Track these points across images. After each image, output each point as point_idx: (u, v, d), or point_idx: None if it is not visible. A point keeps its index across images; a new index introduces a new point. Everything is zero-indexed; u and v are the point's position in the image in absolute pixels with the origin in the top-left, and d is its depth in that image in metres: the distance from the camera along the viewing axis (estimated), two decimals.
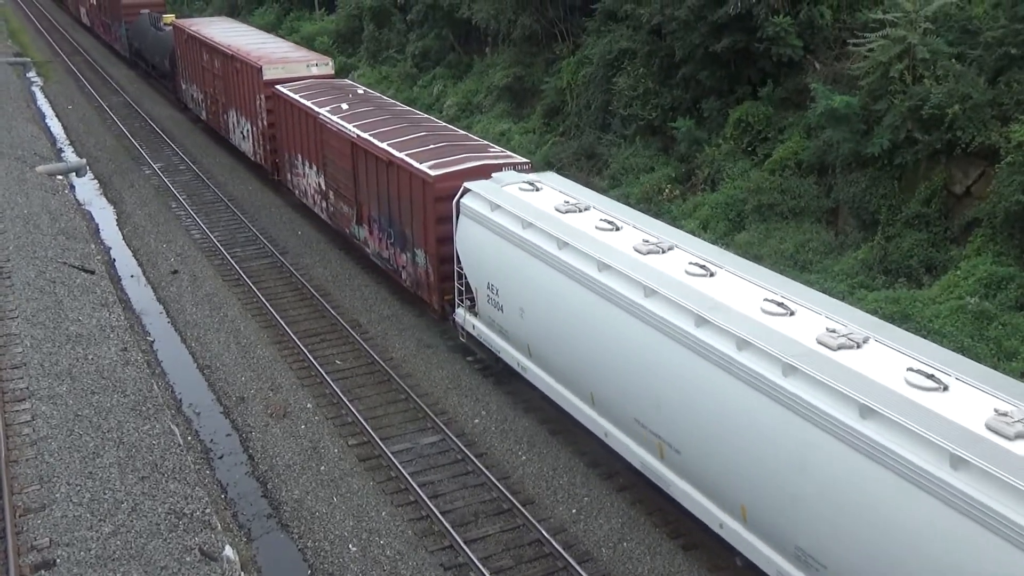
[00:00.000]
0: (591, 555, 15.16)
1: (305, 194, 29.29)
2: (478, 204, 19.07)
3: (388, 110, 26.51)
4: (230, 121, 36.03)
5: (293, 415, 19.34)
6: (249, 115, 33.21)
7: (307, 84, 29.89)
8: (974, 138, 19.21)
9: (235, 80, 34.06)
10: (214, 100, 37.69)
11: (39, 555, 13.88)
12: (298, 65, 31.71)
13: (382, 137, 23.32)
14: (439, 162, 21.21)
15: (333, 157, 25.87)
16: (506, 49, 36.32)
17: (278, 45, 36.52)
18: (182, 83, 42.95)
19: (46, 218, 28.81)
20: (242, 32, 39.74)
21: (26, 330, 20.81)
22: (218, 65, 35.76)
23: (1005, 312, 17.48)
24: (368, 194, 24.14)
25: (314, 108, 26.81)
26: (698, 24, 24.59)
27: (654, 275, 14.95)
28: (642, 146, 27.59)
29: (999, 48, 19.83)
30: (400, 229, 22.56)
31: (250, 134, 33.67)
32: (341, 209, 26.24)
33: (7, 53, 59.74)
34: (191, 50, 39.82)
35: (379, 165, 22.98)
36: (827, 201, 22.42)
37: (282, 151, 30.61)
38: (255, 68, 31.53)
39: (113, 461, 16.43)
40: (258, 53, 33.08)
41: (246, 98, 33.21)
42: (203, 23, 42.56)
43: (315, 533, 15.86)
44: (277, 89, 29.64)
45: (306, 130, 27.60)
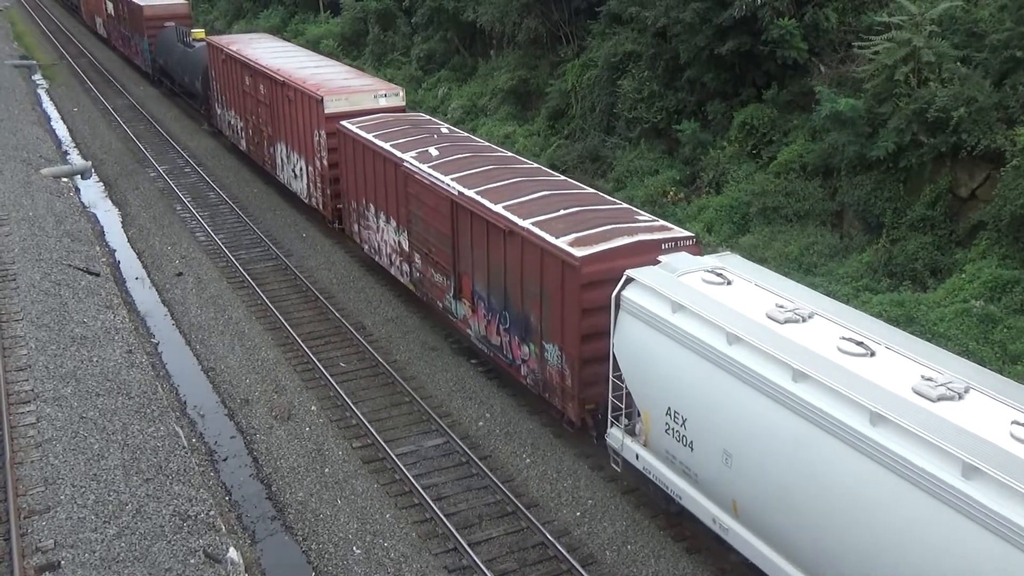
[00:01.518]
0: (595, 558, 15.15)
1: (378, 252, 24.80)
2: (650, 300, 14.54)
3: (488, 157, 21.99)
4: (278, 156, 31.64)
5: (297, 417, 19.35)
6: (304, 152, 28.86)
7: (379, 120, 25.31)
8: (979, 141, 19.18)
9: (286, 110, 29.70)
10: (257, 130, 33.35)
11: (44, 557, 13.90)
12: (364, 96, 27.33)
13: (493, 196, 19.05)
14: (581, 236, 16.84)
15: (422, 214, 21.51)
16: (511, 52, 36.33)
17: (335, 70, 31.63)
18: (217, 107, 38.52)
19: (51, 220, 28.88)
20: (290, 52, 34.90)
21: (31, 332, 20.85)
22: (264, 91, 31.51)
23: (1010, 315, 17.44)
24: (473, 265, 19.72)
25: (395, 152, 22.47)
26: (703, 27, 24.59)
27: (967, 442, 10.44)
28: (647, 149, 27.58)
29: (1005, 51, 19.80)
30: (521, 314, 18.21)
31: (304, 174, 29.37)
32: (431, 278, 21.74)
33: (13, 56, 59.90)
34: (229, 71, 35.31)
35: (492, 233, 18.69)
36: (832, 204, 22.39)
37: (348, 198, 26.08)
38: (314, 99, 27.18)
39: (118, 463, 16.45)
40: (316, 80, 28.55)
41: (301, 132, 28.83)
42: (242, 41, 37.33)
43: (319, 535, 15.86)
44: (343, 126, 25.22)
45: (383, 177, 23.26)
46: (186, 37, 43.45)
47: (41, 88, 52.96)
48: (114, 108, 46.51)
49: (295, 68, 30.65)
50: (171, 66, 45.25)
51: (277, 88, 30.10)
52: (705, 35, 24.68)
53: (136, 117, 44.96)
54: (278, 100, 30.26)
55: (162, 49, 46.72)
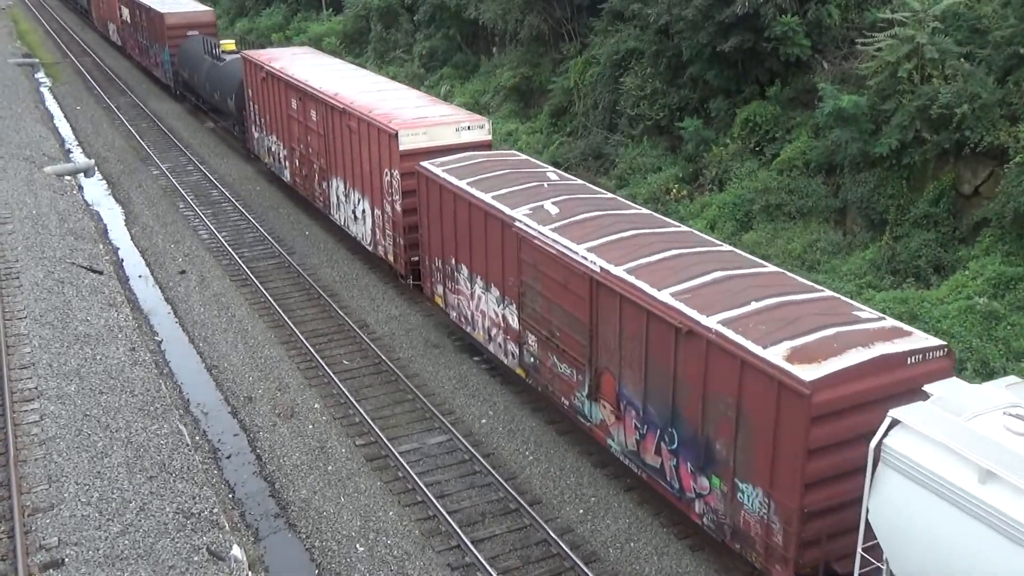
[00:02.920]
0: (598, 555, 15.16)
1: (472, 323, 20.64)
2: (935, 459, 10.41)
3: (623, 216, 17.71)
4: (333, 193, 27.48)
5: (300, 415, 19.37)
6: (370, 193, 24.77)
7: (470, 162, 21.11)
8: (983, 138, 19.16)
9: (347, 142, 25.64)
10: (306, 161, 29.17)
11: (48, 554, 13.93)
12: (444, 129, 23.13)
13: (653, 276, 14.97)
14: (798, 346, 12.72)
15: (542, 288, 17.42)
16: (513, 49, 36.33)
17: (402, 95, 27.02)
18: (254, 131, 34.30)
19: (54, 218, 28.90)
20: (343, 72, 30.46)
21: (35, 330, 20.88)
22: (316, 118, 27.44)
23: (1014, 312, 17.43)
24: (622, 362, 15.61)
25: (500, 207, 18.38)
26: (705, 24, 24.57)
27: None
28: (649, 146, 27.58)
29: (1008, 47, 19.77)
30: (698, 436, 14.13)
31: (369, 218, 25.16)
32: (554, 368, 17.68)
33: (16, 54, 59.93)
34: (271, 92, 31.13)
35: (656, 328, 14.55)
36: (835, 201, 22.38)
37: (430, 254, 21.85)
38: (386, 133, 22.95)
39: (121, 461, 16.47)
40: (384, 109, 24.34)
41: (366, 169, 24.67)
42: (284, 56, 33.04)
43: (322, 533, 15.88)
44: (426, 168, 21.07)
45: (483, 236, 19.13)
46: (215, 49, 39.18)
47: (44, 87, 52.98)
48: (117, 106, 46.53)
49: (355, 92, 26.43)
50: (198, 81, 40.99)
51: (335, 116, 26.04)
52: (708, 32, 24.66)
53: (139, 115, 44.99)
54: (335, 129, 26.25)
55: (186, 61, 42.58)
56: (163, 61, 47.24)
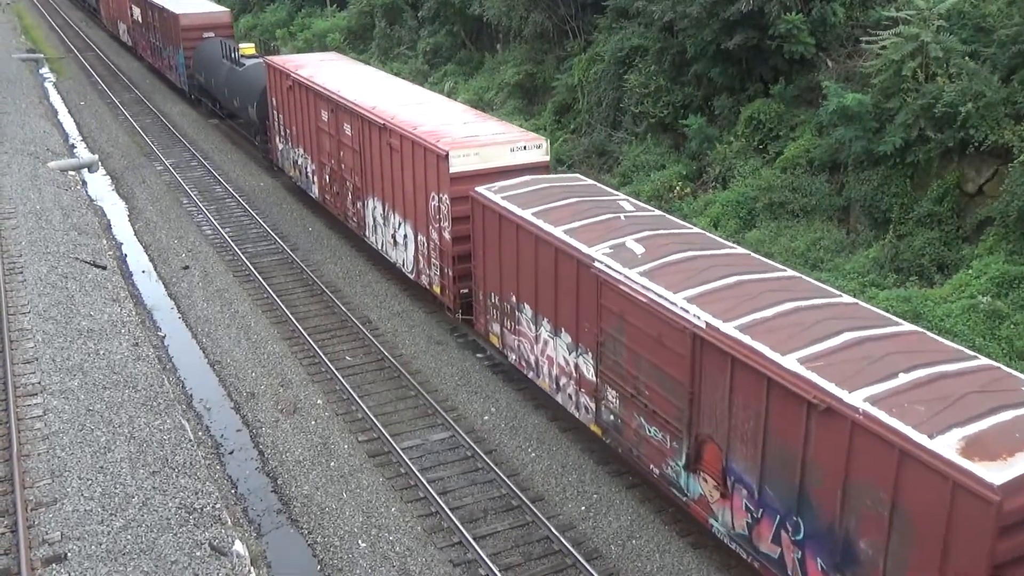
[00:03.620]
0: (600, 552, 15.17)
1: (535, 368, 18.63)
2: None
3: (720, 257, 15.64)
4: (369, 214, 25.45)
5: (303, 411, 19.39)
6: (413, 217, 22.73)
7: (530, 189, 19.08)
8: (987, 136, 19.13)
9: (386, 160, 23.54)
10: (338, 178, 27.16)
11: (50, 549, 13.95)
12: (498, 150, 21.01)
13: (771, 336, 12.86)
14: (972, 435, 10.67)
15: (628, 340, 15.27)
16: (517, 46, 36.32)
17: (447, 108, 24.84)
18: (278, 141, 32.30)
19: (58, 214, 28.94)
20: (377, 81, 28.42)
21: (38, 325, 20.91)
22: (351, 132, 25.41)
23: (1017, 311, 17.41)
24: (731, 433, 13.46)
25: (575, 244, 16.38)
26: (710, 21, 24.53)
27: None
28: (653, 143, 27.55)
29: (1013, 46, 19.74)
30: (835, 530, 11.98)
31: (412, 244, 23.04)
32: (640, 430, 15.55)
33: (20, 49, 59.97)
34: (298, 102, 29.15)
35: (780, 399, 12.42)
36: (839, 199, 22.35)
37: (484, 288, 19.99)
38: (434, 153, 20.90)
39: (124, 456, 16.50)
40: (430, 126, 22.20)
41: (409, 191, 22.60)
42: (311, 63, 30.94)
43: (325, 529, 15.90)
44: (482, 195, 19.23)
45: (552, 275, 17.15)
46: (233, 53, 37.08)
47: (48, 82, 53.03)
48: (121, 102, 46.57)
49: (395, 106, 24.36)
50: (215, 86, 39.01)
51: (373, 132, 23.97)
52: (712, 29, 24.62)
53: (143, 111, 45.01)
54: (373, 146, 24.18)
55: (202, 65, 40.64)
56: (177, 64, 45.13)
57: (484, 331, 20.50)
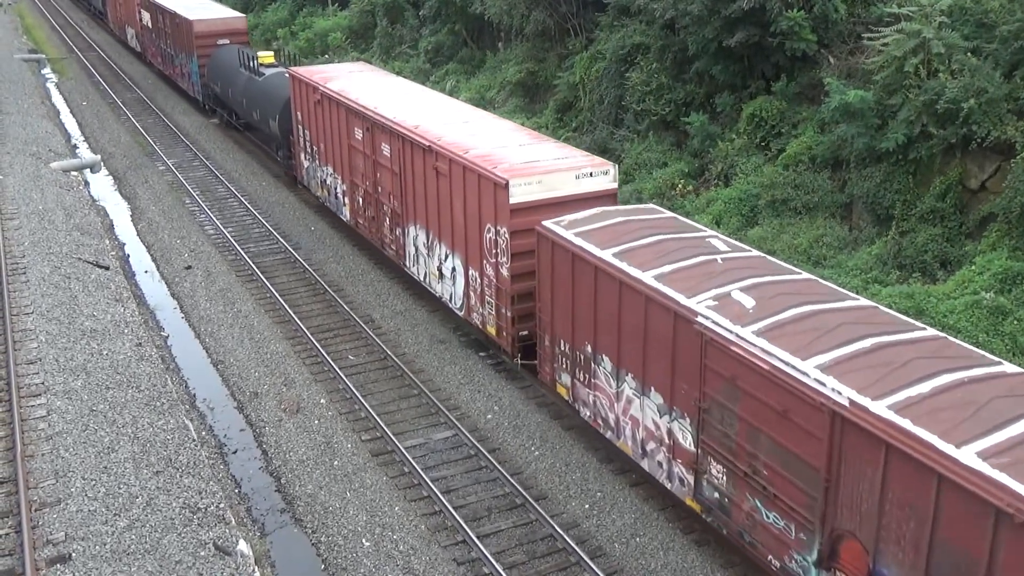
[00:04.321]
0: (604, 550, 15.17)
1: (612, 428, 16.46)
2: None
3: (847, 311, 13.51)
4: (410, 243, 23.29)
5: (306, 410, 19.40)
6: (463, 249, 20.59)
7: (607, 224, 16.91)
8: (989, 132, 19.11)
9: (431, 185, 21.39)
10: (373, 201, 25.02)
11: (55, 549, 13.98)
12: (562, 177, 18.78)
13: (938, 421, 10.76)
14: None
15: (743, 409, 13.12)
16: (519, 44, 36.32)
17: (495, 127, 22.66)
18: (303, 158, 30.23)
19: (61, 214, 28.97)
20: (414, 96, 26.20)
21: (41, 325, 20.94)
22: (390, 153, 23.29)
23: (1021, 307, 17.40)
24: (882, 532, 11.31)
25: (665, 292, 14.35)
26: (711, 18, 24.52)
27: None
28: (655, 141, 27.55)
29: (1015, 42, 19.72)
30: None
31: (461, 279, 20.96)
32: (755, 513, 13.40)
33: (22, 49, 60.00)
34: (327, 117, 27.03)
35: (956, 501, 10.31)
36: (841, 196, 22.34)
37: (553, 332, 17.75)
38: (492, 182, 18.76)
39: (128, 456, 16.52)
40: (483, 148, 20.25)
41: (459, 220, 20.48)
42: (340, 75, 28.69)
43: (329, 528, 15.91)
44: (550, 230, 17.17)
45: (638, 323, 15.01)
46: (252, 62, 35.14)
47: (50, 82, 53.05)
48: (123, 102, 46.59)
49: (440, 125, 22.30)
50: (233, 97, 36.90)
51: (416, 153, 21.91)
52: (714, 27, 24.61)
53: (145, 111, 45.03)
54: (416, 169, 22.11)
55: (217, 73, 38.78)
56: (191, 72, 42.88)
57: (549, 380, 18.24)
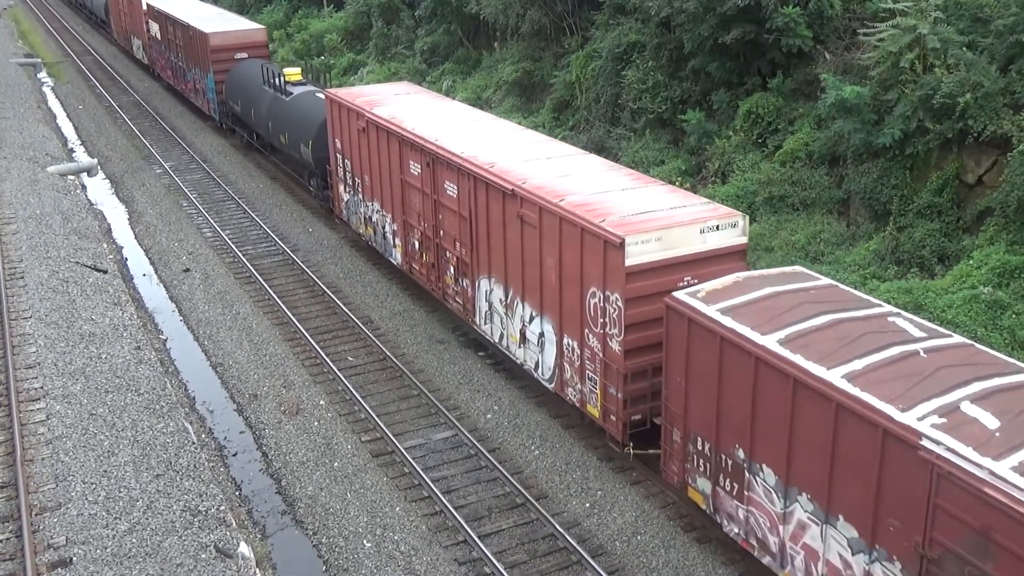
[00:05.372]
0: (605, 549, 15.18)
1: (774, 553, 13.33)
2: None
3: None
4: (482, 297, 20.19)
5: (306, 412, 19.40)
6: (557, 313, 17.47)
7: (757, 296, 13.91)
8: (986, 127, 19.11)
9: (514, 235, 18.29)
10: (433, 247, 21.86)
11: (55, 553, 13.98)
12: (684, 232, 15.77)
13: None
14: None
15: (998, 570, 10.12)
16: (515, 44, 36.30)
17: (584, 165, 19.42)
18: (342, 191, 27.13)
19: (58, 218, 28.95)
20: (478, 124, 22.89)
21: (40, 330, 20.92)
22: (457, 193, 20.19)
23: (1019, 301, 17.40)
24: None
25: (861, 397, 11.44)
26: (707, 16, 24.51)
27: None
28: (652, 139, 27.54)
29: (1010, 36, 19.71)
30: None
31: (552, 347, 17.88)
32: None
33: (18, 54, 59.97)
34: (374, 146, 23.88)
35: None
36: (838, 192, 22.34)
37: (687, 427, 14.65)
38: (601, 238, 15.70)
39: (128, 459, 16.52)
40: (582, 194, 17.09)
41: (551, 279, 17.45)
42: (386, 98, 25.51)
43: (329, 529, 15.91)
44: (685, 305, 14.05)
45: (821, 435, 12.04)
46: (277, 79, 32.00)
47: (46, 86, 53.02)
48: (119, 105, 46.57)
49: (519, 162, 19.26)
50: (256, 119, 33.73)
51: (491, 196, 18.84)
52: (709, 24, 24.60)
53: (141, 114, 45.00)
54: (491, 214, 19.03)
55: (237, 91, 35.80)
56: (206, 88, 39.78)
57: (678, 482, 15.31)
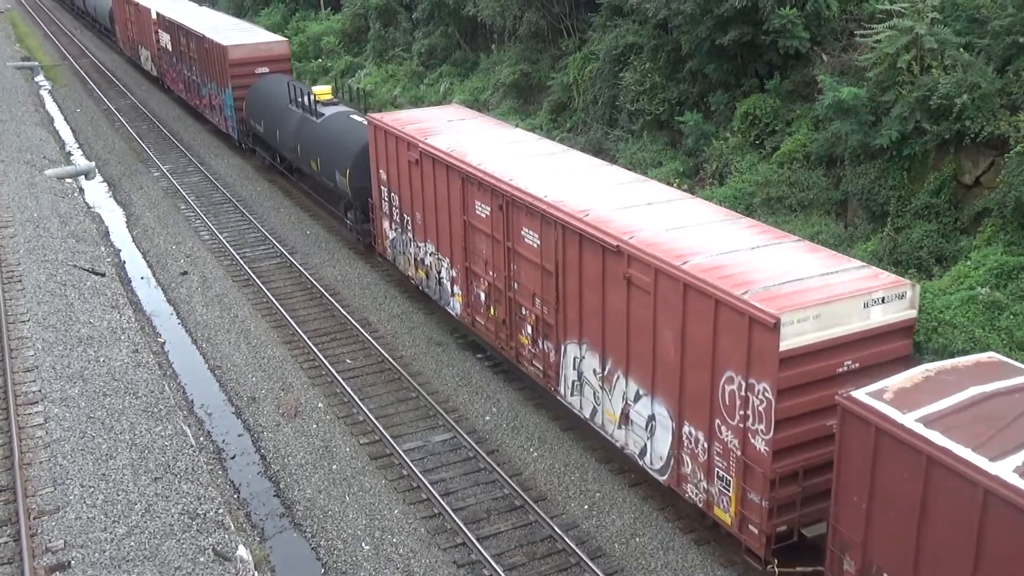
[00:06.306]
0: (603, 551, 15.17)
1: None
2: None
3: None
4: (569, 365, 17.56)
5: (304, 414, 19.39)
6: (671, 394, 14.84)
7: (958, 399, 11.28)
8: (983, 128, 19.13)
9: (616, 298, 15.64)
10: (504, 301, 19.28)
11: (54, 557, 13.96)
12: (845, 307, 13.31)
13: None
14: None
15: None
16: (512, 45, 36.30)
17: (696, 213, 16.73)
18: (388, 228, 24.35)
19: (56, 221, 28.93)
20: (556, 160, 20.25)
21: (38, 333, 20.90)
22: (539, 243, 17.59)
23: (1016, 302, 17.40)
24: None
25: None
26: (704, 17, 24.52)
27: None
28: (650, 141, 27.55)
29: (1007, 37, 19.73)
30: None
31: (667, 434, 15.15)
32: None
33: (15, 57, 59.94)
34: (430, 181, 21.27)
35: None
36: (836, 193, 22.35)
37: (864, 561, 11.77)
38: (746, 315, 13.10)
39: (126, 463, 16.50)
40: (709, 256, 14.48)
41: (666, 356, 14.76)
42: (440, 125, 22.81)
43: (328, 532, 15.90)
44: (869, 409, 11.37)
45: None
46: (305, 97, 29.44)
47: (44, 89, 53.00)
48: (117, 108, 46.54)
49: (618, 210, 16.59)
50: (282, 141, 31.03)
51: (587, 250, 16.14)
52: (706, 26, 24.61)
53: (139, 117, 44.98)
54: (588, 271, 16.27)
55: (259, 110, 33.10)
56: (223, 105, 36.98)
57: None
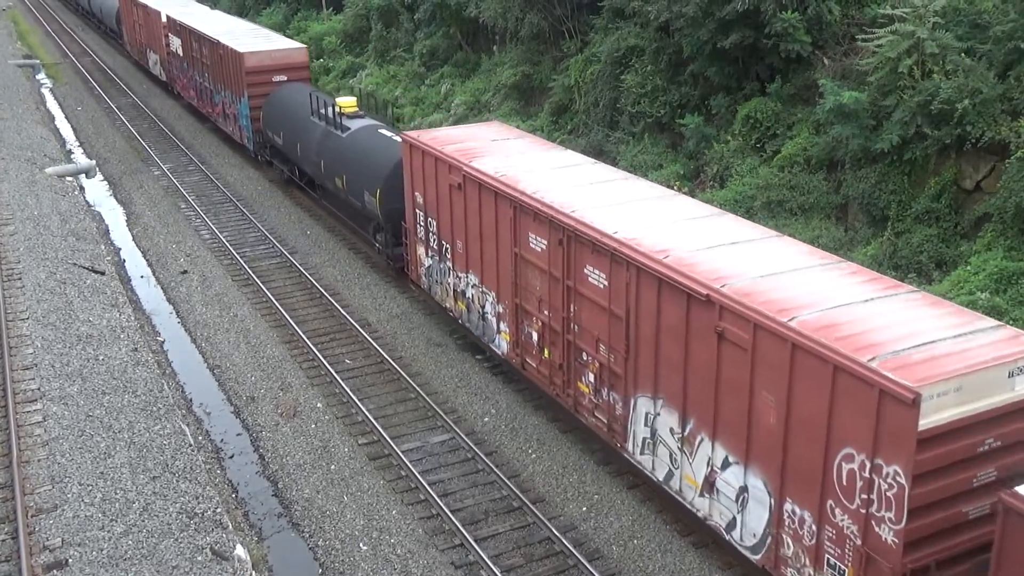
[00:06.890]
0: (601, 553, 15.16)
1: None
2: None
3: None
4: (643, 422, 15.52)
5: (303, 414, 19.38)
6: (770, 467, 12.99)
7: None
8: (984, 133, 19.15)
9: (703, 353, 13.85)
10: (562, 344, 17.32)
11: (51, 555, 13.95)
12: (988, 377, 11.14)
13: None
14: None
15: None
16: (514, 47, 36.32)
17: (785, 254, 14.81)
18: (424, 254, 22.35)
19: (56, 220, 28.93)
20: (615, 183, 18.49)
21: (37, 331, 20.90)
22: (607, 284, 15.71)
23: (1016, 307, 17.40)
24: None
25: None
26: (706, 21, 24.54)
27: None
28: (651, 143, 27.56)
29: (1009, 42, 19.75)
30: None
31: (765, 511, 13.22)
32: None
33: (17, 55, 59.96)
34: (475, 207, 19.39)
35: None
36: (836, 197, 22.37)
37: None
38: (878, 388, 11.06)
39: (124, 461, 16.49)
40: (815, 311, 12.59)
41: (772, 426, 12.79)
42: (484, 145, 20.98)
43: (326, 532, 15.89)
44: None
45: None
46: (328, 109, 27.57)
47: (45, 87, 53.00)
48: (118, 107, 46.55)
49: (699, 249, 14.80)
50: (303, 155, 29.18)
51: (669, 296, 14.31)
52: (708, 29, 24.63)
53: (140, 115, 44.99)
54: (668, 319, 14.45)
55: (278, 121, 31.39)
56: (238, 114, 35.27)
57: None
